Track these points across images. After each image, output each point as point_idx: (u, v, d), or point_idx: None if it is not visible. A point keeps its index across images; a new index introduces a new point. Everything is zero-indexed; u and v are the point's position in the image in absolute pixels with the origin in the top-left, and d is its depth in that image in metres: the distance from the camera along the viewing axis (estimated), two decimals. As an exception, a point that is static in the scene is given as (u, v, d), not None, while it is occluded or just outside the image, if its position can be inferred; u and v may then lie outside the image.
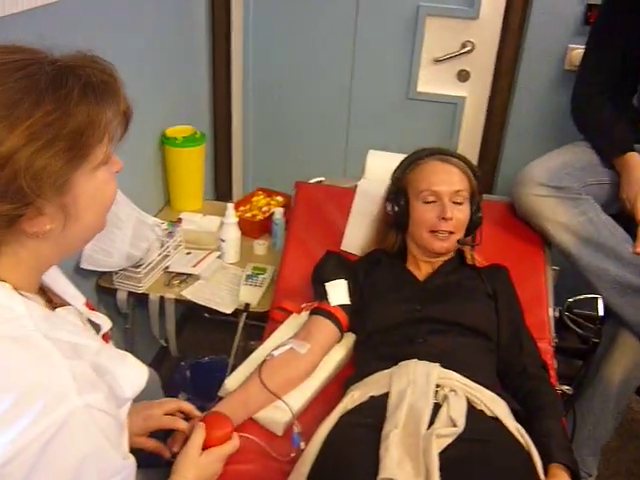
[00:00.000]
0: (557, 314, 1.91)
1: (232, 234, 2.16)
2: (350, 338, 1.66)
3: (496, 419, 1.33)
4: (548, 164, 1.95)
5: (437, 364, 1.39)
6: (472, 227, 1.69)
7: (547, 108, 2.53)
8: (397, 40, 2.60)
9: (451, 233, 1.63)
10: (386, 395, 1.35)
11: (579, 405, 2.00)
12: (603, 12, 2.05)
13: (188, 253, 2.19)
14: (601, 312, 2.69)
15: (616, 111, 1.99)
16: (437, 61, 2.58)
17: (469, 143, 2.71)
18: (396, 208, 1.69)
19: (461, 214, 1.63)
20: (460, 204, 1.63)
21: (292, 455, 1.38)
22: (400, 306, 1.59)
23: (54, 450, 0.74)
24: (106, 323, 0.97)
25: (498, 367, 1.55)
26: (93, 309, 1.03)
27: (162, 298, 2.02)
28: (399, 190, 1.70)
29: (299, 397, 1.50)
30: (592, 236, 1.89)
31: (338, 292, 1.64)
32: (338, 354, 1.63)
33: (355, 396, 1.39)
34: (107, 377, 0.85)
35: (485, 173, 2.68)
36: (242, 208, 2.42)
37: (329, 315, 1.60)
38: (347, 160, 2.85)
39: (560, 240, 1.91)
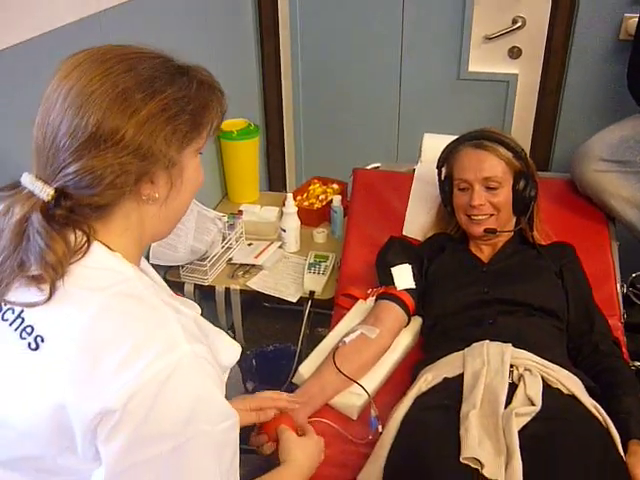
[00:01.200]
0: (624, 290, 1.89)
1: (292, 223, 2.19)
2: (417, 322, 1.68)
3: (573, 396, 1.33)
4: (608, 138, 1.92)
5: (509, 344, 1.40)
6: (523, 205, 1.67)
7: (602, 81, 2.48)
8: (446, 19, 2.57)
9: (491, 215, 1.63)
10: (460, 376, 1.36)
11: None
12: None
13: (250, 244, 2.23)
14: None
15: None
16: (488, 39, 2.55)
17: (522, 121, 2.68)
18: (443, 195, 1.74)
19: (496, 198, 1.62)
20: (494, 189, 1.62)
21: (370, 438, 1.41)
22: (467, 289, 1.60)
23: (169, 390, 0.80)
24: (195, 308, 1.01)
25: (569, 345, 1.55)
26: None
27: (227, 289, 2.07)
28: (443, 177, 1.74)
29: (372, 381, 1.53)
30: None
31: (404, 276, 1.66)
32: (406, 338, 1.65)
33: (429, 378, 1.41)
34: (207, 341, 0.91)
35: (540, 150, 2.68)
36: (299, 197, 2.45)
37: (396, 299, 1.62)
38: (400, 144, 2.85)
39: (625, 214, 1.89)
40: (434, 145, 1.99)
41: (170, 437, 0.80)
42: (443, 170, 1.76)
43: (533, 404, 1.26)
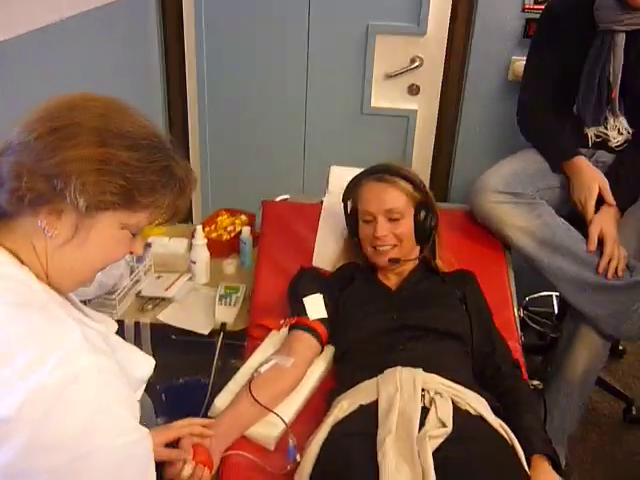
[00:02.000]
0: (520, 313, 2.01)
1: (202, 255, 2.18)
2: (330, 351, 1.72)
3: (480, 417, 1.40)
4: (501, 172, 2.06)
5: (420, 369, 1.46)
6: (424, 234, 1.76)
7: (495, 117, 2.65)
8: (349, 58, 2.68)
9: (395, 246, 1.71)
10: (375, 403, 1.41)
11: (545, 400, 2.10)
12: (538, 28, 2.19)
13: (159, 277, 2.20)
14: (556, 309, 2.85)
15: (559, 119, 2.12)
16: (388, 76, 2.68)
17: (422, 154, 2.81)
18: (349, 227, 1.82)
19: (399, 228, 1.71)
20: (397, 220, 1.71)
21: (288, 468, 1.42)
22: (377, 316, 1.66)
23: (66, 400, 0.79)
24: (110, 324, 1.00)
25: (474, 368, 1.63)
26: None
27: (137, 323, 2.03)
28: (349, 210, 1.83)
29: (289, 410, 1.54)
30: (549, 237, 2.00)
31: (316, 306, 1.69)
32: (320, 367, 1.68)
33: (345, 406, 1.44)
34: (117, 355, 0.90)
35: (439, 181, 2.82)
36: (207, 229, 2.44)
37: (309, 329, 1.65)
38: (305, 176, 2.91)
39: (519, 243, 2.01)
40: (340, 177, 2.06)
41: (65, 449, 0.79)
42: (349, 203, 1.83)
43: (445, 426, 1.32)
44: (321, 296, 1.71)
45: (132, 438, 0.87)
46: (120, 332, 2.01)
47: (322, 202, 2.12)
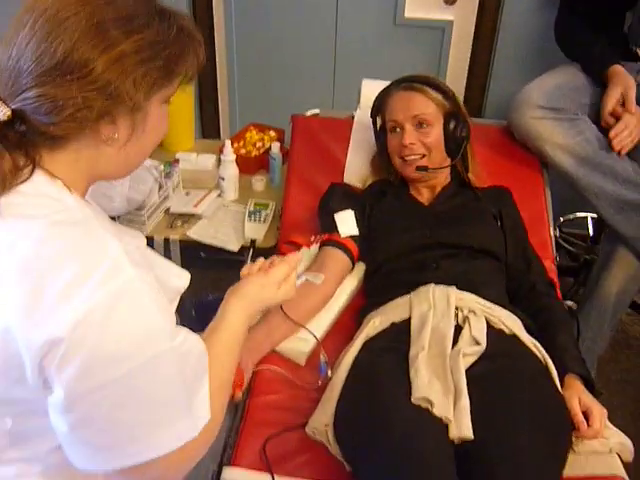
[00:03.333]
0: (557, 233, 1.96)
1: (231, 171, 2.14)
2: (361, 268, 1.70)
3: (514, 336, 1.38)
4: (543, 86, 1.97)
5: (453, 287, 1.43)
6: (455, 145, 1.69)
7: (536, 28, 2.52)
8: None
9: (423, 156, 1.66)
10: (407, 320, 1.39)
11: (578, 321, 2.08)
12: None
13: (187, 193, 2.18)
14: (591, 231, 2.79)
15: (599, 33, 2.01)
16: (424, -16, 2.54)
17: (457, 68, 2.70)
18: (379, 143, 1.77)
19: (427, 137, 1.65)
20: (425, 128, 1.65)
21: (319, 384, 1.43)
22: (410, 233, 1.62)
23: (116, 316, 0.79)
24: (140, 238, 0.99)
25: (508, 286, 1.60)
26: None
27: (167, 240, 2.02)
28: (378, 126, 1.76)
29: (320, 326, 1.54)
30: (589, 155, 1.92)
31: (347, 223, 1.66)
32: (350, 284, 1.66)
33: (376, 323, 1.43)
34: (154, 269, 0.89)
35: (474, 97, 2.71)
36: (236, 145, 2.39)
37: (340, 246, 1.62)
38: (336, 91, 2.83)
39: (559, 161, 1.94)
40: (372, 91, 1.97)
41: (123, 361, 0.80)
42: (378, 119, 1.77)
43: (478, 344, 1.30)
44: (352, 212, 1.68)
45: (183, 336, 0.88)
46: (150, 248, 2.04)
47: (353, 117, 2.05)
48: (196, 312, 2.36)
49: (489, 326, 1.37)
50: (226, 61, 2.85)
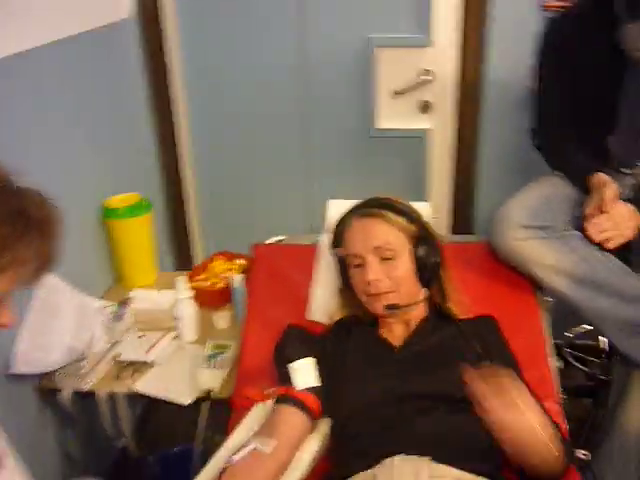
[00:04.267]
0: (560, 365, 1.69)
1: (187, 310, 1.92)
2: (325, 424, 1.42)
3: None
4: (526, 201, 1.75)
5: (427, 458, 1.16)
6: (428, 273, 1.47)
7: (520, 132, 2.35)
8: (350, 76, 2.42)
9: (392, 292, 1.44)
10: (370, 504, 1.12)
11: (598, 462, 1.76)
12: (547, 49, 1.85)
13: (141, 336, 1.95)
14: (605, 344, 2.50)
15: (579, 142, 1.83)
16: (396, 94, 2.40)
17: (439, 178, 2.52)
18: (342, 277, 1.56)
19: (395, 271, 1.43)
20: (390, 259, 1.43)
21: None
22: (377, 383, 1.36)
23: None
24: None
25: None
26: None
27: (112, 395, 1.77)
28: (338, 256, 1.56)
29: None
30: (587, 274, 1.68)
31: (305, 374, 1.41)
32: (312, 447, 1.38)
33: (333, 508, 1.16)
34: None
35: (461, 211, 2.51)
36: (199, 277, 2.20)
37: (297, 402, 1.36)
38: (312, 214, 2.64)
39: (553, 285, 1.70)
40: (340, 212, 1.79)
41: None
42: (338, 251, 1.56)
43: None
44: (312, 360, 1.43)
45: None
46: (92, 405, 1.80)
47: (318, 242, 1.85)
48: (162, 468, 2.08)
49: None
50: (195, 188, 2.70)
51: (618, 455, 1.78)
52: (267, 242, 1.97)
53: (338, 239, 1.53)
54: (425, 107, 2.43)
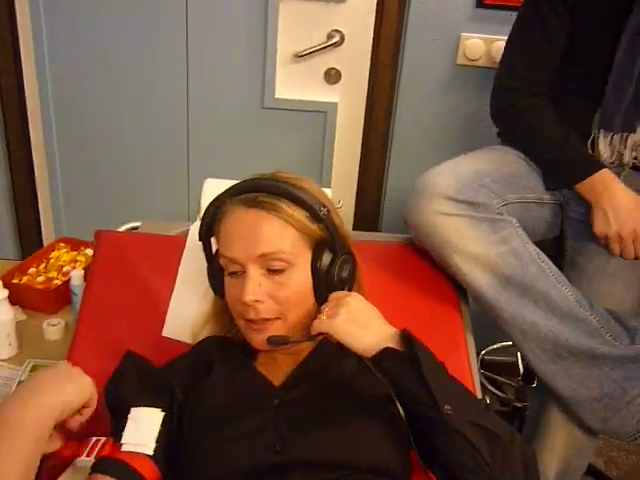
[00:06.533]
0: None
1: (2, 315, 1.42)
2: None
3: None
4: (457, 171, 1.40)
5: None
6: (332, 292, 1.05)
7: (440, 111, 2.00)
8: (243, 34, 1.97)
9: (277, 318, 1.02)
10: None
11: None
12: None
13: None
14: (521, 365, 2.20)
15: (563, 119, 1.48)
16: (298, 57, 1.97)
17: (345, 162, 2.12)
18: (213, 281, 1.12)
19: (284, 289, 1.01)
20: (279, 272, 1.01)
21: None
22: (246, 444, 0.93)
23: None
24: None
25: None
26: None
27: None
28: (208, 253, 1.12)
29: None
30: (516, 274, 1.35)
31: (142, 427, 0.96)
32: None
33: None
34: None
35: (368, 201, 2.13)
36: (34, 269, 1.69)
37: (122, 470, 0.91)
38: (184, 199, 2.18)
39: (472, 279, 1.35)
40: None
41: None
42: (212, 242, 1.11)
43: None
44: (158, 412, 0.98)
45: None
46: None
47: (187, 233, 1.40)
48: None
49: None
50: (46, 154, 2.17)
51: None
52: (119, 230, 1.49)
53: (210, 230, 1.09)
54: (332, 76, 2.02)
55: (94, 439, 1.00)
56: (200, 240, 1.11)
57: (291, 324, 1.02)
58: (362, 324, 0.97)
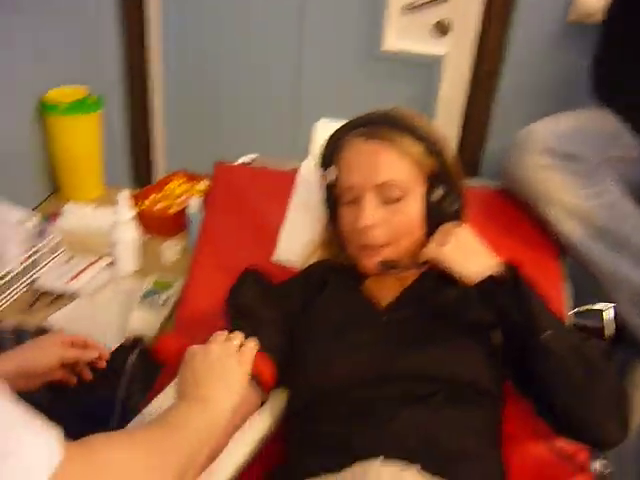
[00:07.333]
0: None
1: (127, 234, 1.56)
2: (280, 398, 1.09)
3: None
4: (558, 125, 1.43)
5: (415, 468, 0.83)
6: (441, 224, 1.11)
7: (548, 69, 1.98)
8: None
9: (388, 244, 1.08)
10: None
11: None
12: None
13: (70, 259, 1.59)
14: (611, 327, 2.19)
15: None
16: (408, 9, 2.00)
17: (449, 113, 2.14)
18: (328, 209, 1.20)
19: (397, 216, 1.07)
20: (395, 201, 1.07)
21: None
22: (354, 355, 1.02)
23: None
24: None
25: None
26: None
27: (18, 328, 1.42)
28: (327, 183, 1.18)
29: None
30: (609, 227, 1.38)
31: (261, 332, 1.07)
32: (260, 425, 1.06)
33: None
34: None
35: (469, 152, 2.15)
36: (153, 196, 1.83)
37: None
38: (296, 137, 2.26)
39: (565, 229, 1.39)
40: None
41: None
42: (329, 173, 1.18)
43: None
44: (272, 315, 1.09)
45: None
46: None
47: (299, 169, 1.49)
48: (75, 419, 1.74)
49: None
50: (163, 88, 2.29)
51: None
52: (235, 163, 1.60)
53: (329, 161, 1.16)
54: (441, 29, 2.04)
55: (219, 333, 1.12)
56: (320, 168, 1.19)
57: (401, 251, 1.09)
58: (469, 253, 1.04)
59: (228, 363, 0.85)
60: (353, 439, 0.90)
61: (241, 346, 0.91)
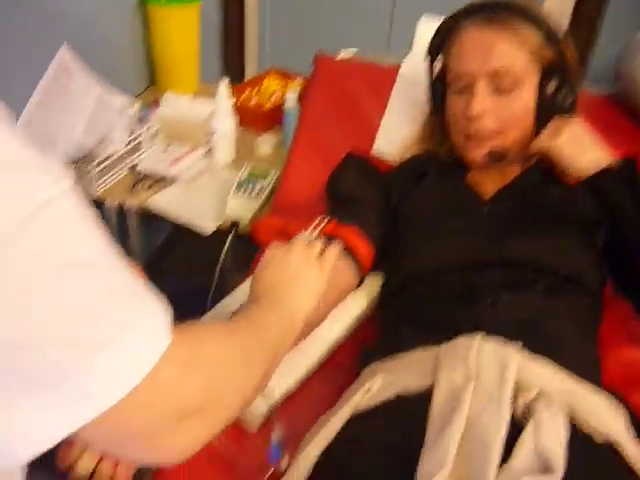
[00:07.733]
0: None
1: (225, 124, 1.58)
2: (373, 283, 1.11)
3: (612, 447, 0.77)
4: None
5: (518, 345, 0.83)
6: (553, 117, 1.07)
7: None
8: None
9: (499, 133, 1.05)
10: (427, 394, 0.80)
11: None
12: None
13: (168, 146, 1.63)
14: None
15: None
16: None
17: (559, 9, 2.03)
18: (433, 97, 1.17)
19: (510, 105, 1.03)
20: (508, 90, 1.02)
21: (268, 474, 0.86)
22: (456, 239, 1.02)
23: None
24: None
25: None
26: None
27: (121, 207, 1.48)
28: (435, 71, 1.15)
29: (287, 376, 0.96)
30: None
31: (361, 213, 1.07)
32: (354, 306, 1.08)
33: (374, 388, 0.85)
34: None
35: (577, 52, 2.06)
36: (248, 92, 1.84)
37: (345, 246, 1.04)
38: (393, 33, 2.21)
39: None
40: (433, 31, 1.37)
41: None
42: (437, 62, 1.15)
43: (549, 468, 0.70)
44: (373, 198, 1.10)
45: None
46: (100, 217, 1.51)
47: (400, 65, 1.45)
48: (174, 302, 1.82)
49: (573, 429, 0.76)
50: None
51: None
52: (337, 56, 1.57)
53: (441, 47, 1.12)
54: None
55: (319, 218, 1.13)
56: (428, 56, 1.16)
57: (509, 142, 1.06)
58: (583, 147, 1.00)
59: (307, 270, 0.85)
60: (452, 318, 0.91)
61: (322, 253, 0.90)
